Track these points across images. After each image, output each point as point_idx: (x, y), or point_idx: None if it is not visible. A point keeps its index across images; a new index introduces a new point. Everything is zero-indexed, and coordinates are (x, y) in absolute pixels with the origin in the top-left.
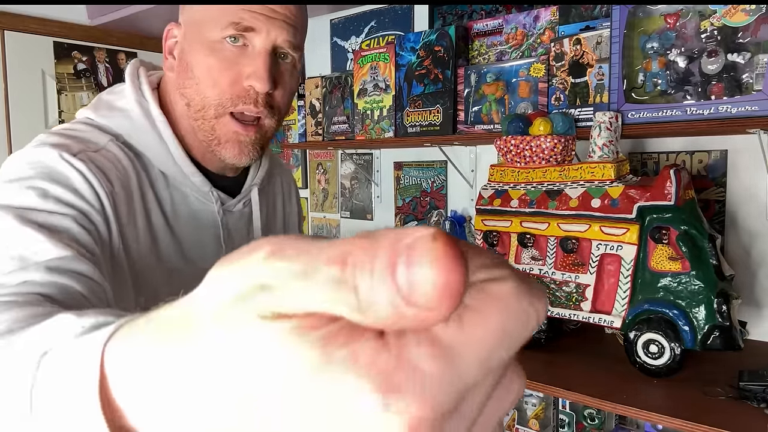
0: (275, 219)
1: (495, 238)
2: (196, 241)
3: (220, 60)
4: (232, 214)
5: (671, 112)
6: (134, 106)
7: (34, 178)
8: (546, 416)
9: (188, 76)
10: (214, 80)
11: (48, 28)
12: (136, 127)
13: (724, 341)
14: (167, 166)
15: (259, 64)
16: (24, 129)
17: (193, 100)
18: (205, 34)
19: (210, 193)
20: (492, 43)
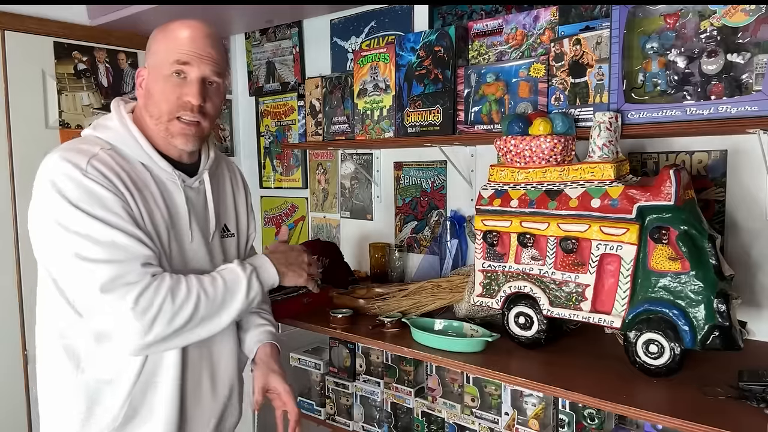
0: (225, 194)
1: (495, 238)
2: (172, 204)
3: (171, 86)
4: (191, 189)
5: (671, 112)
6: (117, 124)
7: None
8: (546, 416)
9: (151, 99)
10: (166, 98)
11: (48, 28)
12: (120, 136)
13: (723, 341)
14: (143, 157)
15: (194, 87)
16: (24, 129)
17: (153, 113)
18: (161, 72)
19: (173, 173)
20: (492, 44)
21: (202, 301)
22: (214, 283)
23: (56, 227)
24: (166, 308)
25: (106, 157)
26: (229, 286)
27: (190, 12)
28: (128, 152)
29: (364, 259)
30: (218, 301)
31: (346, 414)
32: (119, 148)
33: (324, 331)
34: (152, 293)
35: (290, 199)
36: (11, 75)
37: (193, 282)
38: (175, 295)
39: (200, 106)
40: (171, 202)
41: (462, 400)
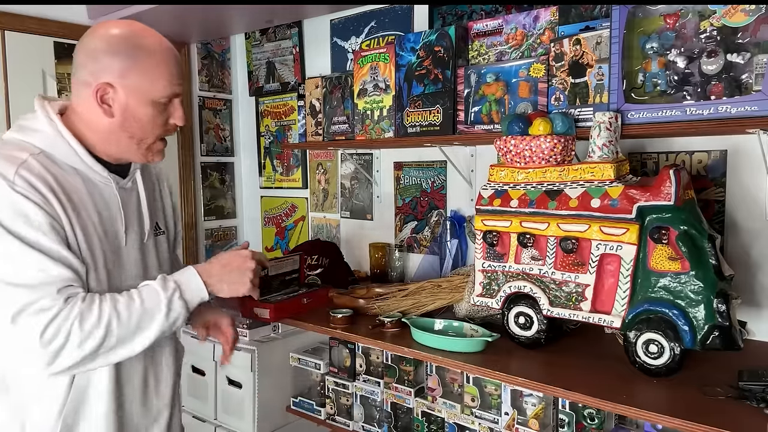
0: (154, 192)
1: (495, 238)
2: (104, 209)
3: (158, 111)
4: (124, 189)
5: (671, 112)
6: (47, 127)
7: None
8: (546, 416)
9: (136, 123)
10: (156, 124)
11: (48, 28)
12: (50, 140)
13: (723, 341)
14: (75, 162)
15: (180, 112)
16: None
17: (136, 135)
18: (150, 98)
19: (108, 177)
20: (492, 44)
21: (113, 326)
22: (129, 306)
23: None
24: (73, 336)
25: (35, 164)
26: (147, 307)
27: (190, 12)
28: (59, 157)
29: (364, 259)
30: (133, 325)
31: (346, 414)
32: (49, 153)
33: (324, 331)
34: (61, 321)
35: (290, 199)
36: (11, 75)
37: (106, 306)
38: (84, 321)
39: None
40: (104, 206)
41: (462, 400)
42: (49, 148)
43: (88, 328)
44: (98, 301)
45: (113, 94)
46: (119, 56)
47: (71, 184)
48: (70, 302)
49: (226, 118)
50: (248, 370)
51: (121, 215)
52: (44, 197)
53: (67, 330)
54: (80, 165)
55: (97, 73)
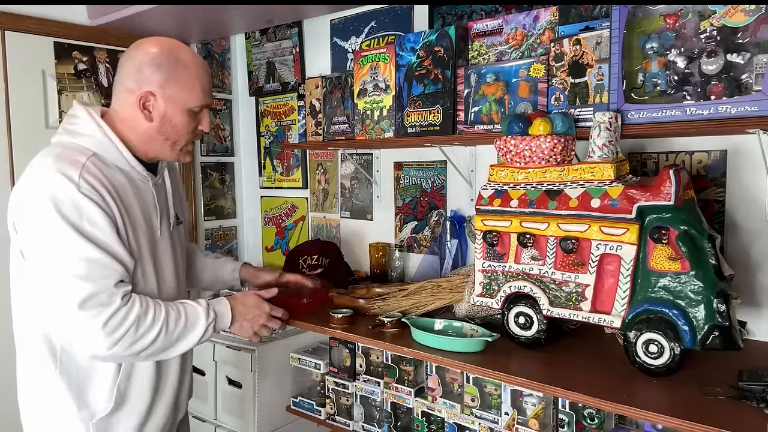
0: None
1: (495, 238)
2: (144, 203)
3: (191, 119)
4: (156, 185)
5: (671, 112)
6: (96, 131)
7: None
8: (546, 416)
9: (172, 128)
10: (189, 129)
11: (48, 28)
12: (100, 143)
13: (723, 341)
14: (121, 162)
15: (207, 119)
16: (24, 129)
17: (171, 138)
18: (186, 106)
19: (146, 175)
20: (492, 44)
21: (161, 335)
22: (177, 321)
23: (48, 242)
24: (129, 334)
25: (92, 167)
26: (189, 326)
27: (190, 12)
28: (107, 158)
29: (364, 259)
30: (174, 338)
31: (346, 414)
32: (100, 155)
33: (324, 331)
34: (121, 317)
35: (290, 199)
36: (11, 75)
37: (161, 314)
38: (140, 325)
39: None
40: (143, 202)
41: (462, 400)
42: (100, 150)
43: (142, 331)
44: (153, 309)
45: (154, 101)
46: (161, 69)
47: (119, 182)
48: (128, 302)
49: (226, 118)
50: (248, 370)
51: (156, 209)
52: (104, 198)
53: (126, 327)
54: (125, 165)
55: (141, 82)
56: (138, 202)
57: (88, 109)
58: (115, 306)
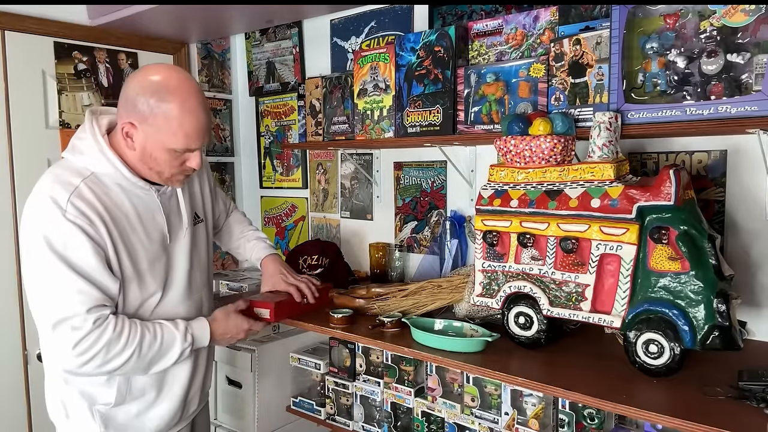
0: (192, 185)
1: (495, 238)
2: (147, 214)
3: (175, 159)
4: (164, 195)
5: (671, 112)
6: (95, 151)
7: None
8: (546, 416)
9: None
10: (170, 165)
11: (48, 28)
12: (99, 162)
13: (723, 341)
14: (120, 179)
15: (197, 159)
16: (24, 129)
17: (155, 169)
18: (166, 146)
19: (149, 188)
20: (492, 44)
21: (133, 357)
22: (151, 345)
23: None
24: (99, 356)
25: (85, 190)
26: (164, 350)
27: (190, 12)
28: (106, 177)
29: (364, 259)
30: (148, 360)
31: (346, 414)
32: (98, 174)
33: (324, 331)
34: (92, 341)
35: (290, 199)
36: (11, 75)
37: (135, 338)
38: (111, 348)
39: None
40: (147, 213)
41: (462, 400)
42: (99, 169)
43: (113, 354)
44: (128, 332)
45: (134, 132)
46: (146, 104)
47: (117, 200)
48: (100, 325)
49: (226, 118)
50: (248, 370)
51: (163, 217)
52: (92, 223)
53: (95, 351)
54: (124, 182)
55: (128, 111)
56: (138, 216)
57: (93, 124)
58: (86, 330)
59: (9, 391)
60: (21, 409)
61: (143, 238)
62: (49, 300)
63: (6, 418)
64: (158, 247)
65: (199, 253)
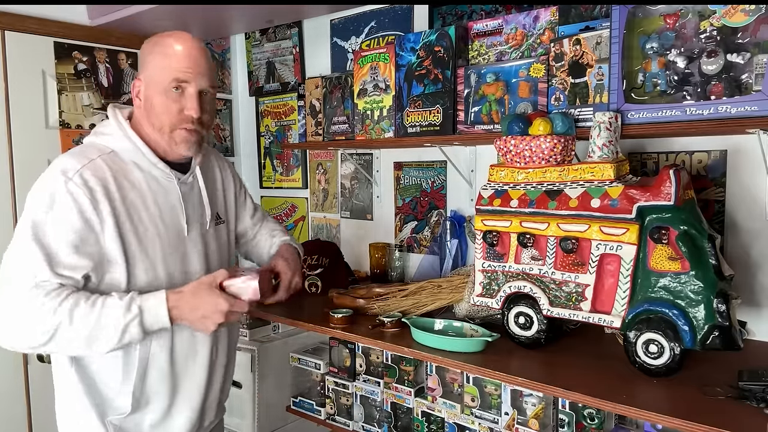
0: (215, 185)
1: (495, 238)
2: (166, 203)
3: (171, 101)
4: (185, 184)
5: (671, 112)
6: (116, 130)
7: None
8: (546, 416)
9: (153, 111)
10: (167, 112)
11: (48, 28)
12: (119, 141)
13: (723, 341)
14: (139, 159)
15: (194, 102)
16: (24, 129)
17: (155, 124)
18: (159, 87)
19: (170, 173)
20: (492, 44)
21: (63, 327)
22: (86, 317)
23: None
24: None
25: (101, 164)
26: (103, 323)
27: (190, 12)
28: (125, 155)
29: (364, 259)
30: (83, 335)
31: (346, 414)
32: (118, 152)
33: (324, 331)
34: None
35: (290, 199)
36: (11, 75)
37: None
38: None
39: (199, 118)
40: (165, 200)
41: (462, 400)
42: (119, 147)
43: (41, 316)
44: (60, 300)
45: (140, 86)
46: (146, 51)
47: (134, 180)
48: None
49: (226, 118)
50: (248, 370)
51: (182, 207)
52: (93, 197)
53: (28, 314)
54: (144, 162)
55: (138, 72)
56: (155, 200)
57: (115, 110)
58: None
59: (9, 392)
60: (21, 410)
61: (158, 223)
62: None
63: (5, 419)
64: (174, 237)
65: (218, 256)
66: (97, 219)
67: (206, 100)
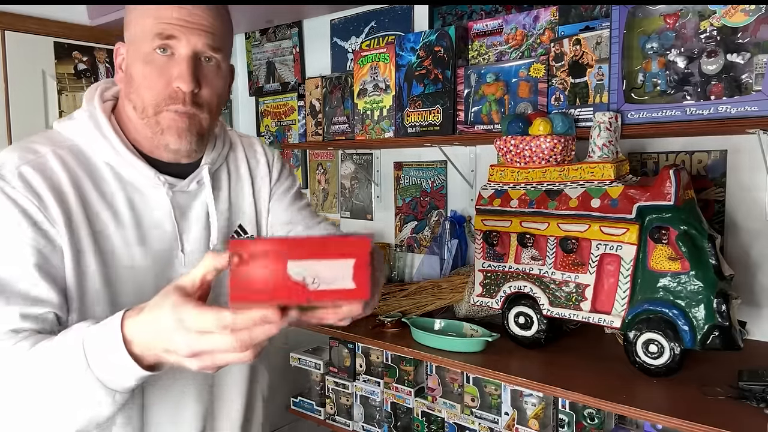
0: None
1: (495, 238)
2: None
3: (153, 68)
4: (185, 193)
5: (671, 112)
6: (82, 113)
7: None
8: (546, 416)
9: (131, 85)
10: (149, 85)
11: (48, 28)
12: (80, 128)
13: (723, 341)
14: (110, 157)
15: (183, 68)
16: (24, 129)
17: (136, 104)
18: (140, 49)
19: (155, 177)
20: (492, 44)
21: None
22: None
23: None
24: None
25: (51, 161)
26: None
27: None
28: (90, 150)
29: None
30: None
31: (346, 414)
32: (82, 147)
33: (324, 330)
34: None
35: None
36: (11, 75)
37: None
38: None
39: (194, 94)
40: (147, 214)
41: (462, 400)
42: (84, 139)
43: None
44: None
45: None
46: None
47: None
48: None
49: (226, 118)
50: None
51: (173, 224)
52: (41, 203)
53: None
54: (116, 161)
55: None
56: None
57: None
58: None
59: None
60: None
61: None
62: None
63: None
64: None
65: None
66: (47, 232)
67: (207, 68)
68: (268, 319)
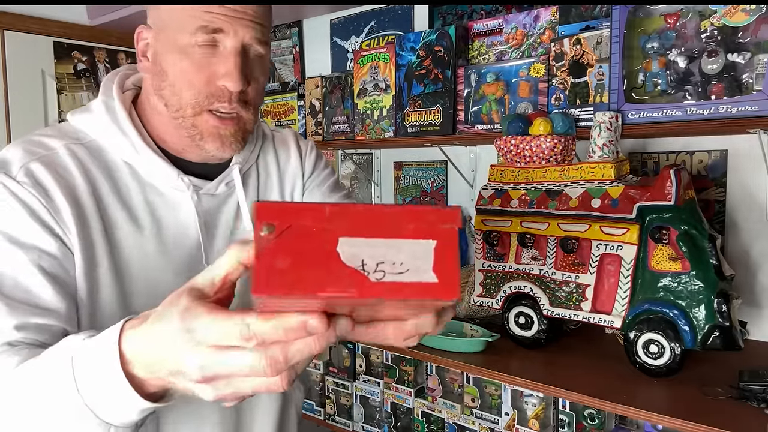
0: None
1: (495, 238)
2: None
3: (193, 63)
4: (213, 197)
5: (671, 112)
6: (99, 104)
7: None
8: (546, 416)
9: (163, 79)
10: (189, 82)
11: (48, 28)
12: (97, 122)
13: (724, 341)
14: (130, 155)
15: (231, 65)
16: (24, 129)
17: (170, 101)
18: (175, 40)
19: (180, 179)
20: (492, 43)
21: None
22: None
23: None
24: None
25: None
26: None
27: None
28: (109, 147)
29: None
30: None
31: (346, 414)
32: (99, 143)
33: None
34: None
35: None
36: (11, 75)
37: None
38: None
39: (240, 92)
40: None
41: (462, 401)
42: (99, 133)
43: None
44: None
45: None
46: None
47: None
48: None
49: None
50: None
51: (197, 232)
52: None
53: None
54: (135, 159)
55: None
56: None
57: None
58: None
59: None
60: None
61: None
62: None
63: None
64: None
65: None
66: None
67: (254, 63)
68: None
